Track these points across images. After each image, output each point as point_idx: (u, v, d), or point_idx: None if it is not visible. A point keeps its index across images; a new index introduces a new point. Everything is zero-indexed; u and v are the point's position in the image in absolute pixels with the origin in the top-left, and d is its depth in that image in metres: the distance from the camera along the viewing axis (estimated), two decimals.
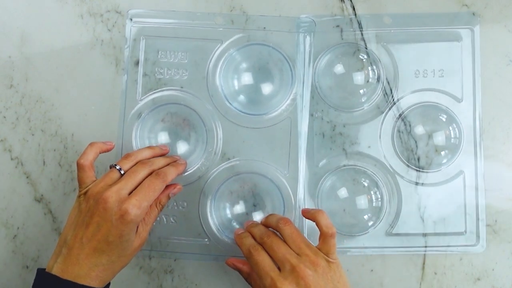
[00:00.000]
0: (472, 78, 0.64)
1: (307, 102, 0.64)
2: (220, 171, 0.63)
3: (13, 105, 0.65)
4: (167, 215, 0.63)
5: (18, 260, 0.64)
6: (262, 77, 0.64)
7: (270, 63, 0.64)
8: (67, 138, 0.65)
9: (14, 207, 0.64)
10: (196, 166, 0.63)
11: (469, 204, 0.63)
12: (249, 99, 0.64)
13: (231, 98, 0.64)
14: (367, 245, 0.62)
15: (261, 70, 0.64)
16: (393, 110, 0.64)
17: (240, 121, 0.63)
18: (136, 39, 0.64)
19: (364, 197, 0.63)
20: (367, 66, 0.64)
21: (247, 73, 0.64)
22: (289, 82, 0.63)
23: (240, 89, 0.64)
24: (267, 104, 0.63)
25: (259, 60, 0.64)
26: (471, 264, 0.63)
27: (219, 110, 0.63)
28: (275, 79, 0.64)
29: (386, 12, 0.65)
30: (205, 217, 0.62)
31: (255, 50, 0.64)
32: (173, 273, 0.63)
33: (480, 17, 0.65)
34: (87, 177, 0.54)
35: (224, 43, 0.64)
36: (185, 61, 0.64)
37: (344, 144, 0.64)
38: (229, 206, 0.63)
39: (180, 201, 0.63)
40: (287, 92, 0.63)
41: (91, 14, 0.66)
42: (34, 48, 0.66)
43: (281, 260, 0.50)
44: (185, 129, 0.64)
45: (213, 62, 0.64)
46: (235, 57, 0.64)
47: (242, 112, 0.63)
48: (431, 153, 0.63)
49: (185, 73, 0.64)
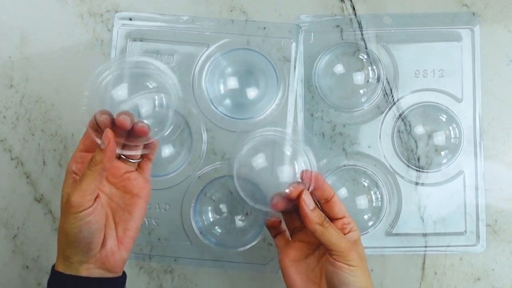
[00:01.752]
0: (472, 78, 0.64)
1: (298, 102, 0.64)
2: (203, 173, 0.63)
3: (13, 105, 0.65)
4: (149, 217, 0.63)
5: (18, 260, 0.64)
6: (247, 81, 0.64)
7: (255, 68, 0.64)
8: (67, 138, 0.65)
9: (14, 207, 0.64)
10: (181, 168, 0.63)
11: (469, 204, 0.63)
12: (235, 103, 0.64)
13: (216, 102, 0.64)
14: (367, 245, 0.62)
15: (247, 75, 0.64)
16: (393, 110, 0.64)
17: (226, 125, 0.63)
18: (124, 41, 0.65)
19: (364, 197, 0.63)
20: (367, 66, 0.64)
21: (233, 77, 0.64)
22: (274, 87, 0.64)
23: (226, 93, 0.64)
24: (252, 108, 0.64)
25: (245, 64, 0.64)
26: (471, 264, 0.63)
27: (204, 114, 0.63)
28: (261, 83, 0.64)
29: (386, 12, 0.65)
30: (187, 220, 0.63)
31: (241, 55, 0.64)
32: (173, 273, 0.63)
33: (480, 17, 0.65)
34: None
35: (210, 47, 0.64)
36: (171, 64, 0.64)
37: (344, 144, 0.64)
38: (212, 209, 0.63)
39: (163, 203, 0.63)
40: (272, 97, 0.63)
41: (91, 14, 0.66)
42: (34, 48, 0.66)
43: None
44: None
45: (199, 66, 0.64)
46: (221, 61, 0.64)
47: (228, 116, 0.63)
48: (431, 153, 0.63)
49: None
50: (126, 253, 0.51)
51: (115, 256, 0.50)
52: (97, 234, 0.48)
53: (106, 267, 0.49)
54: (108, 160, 0.47)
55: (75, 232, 0.46)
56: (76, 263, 0.48)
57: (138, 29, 0.65)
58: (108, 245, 0.49)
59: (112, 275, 0.50)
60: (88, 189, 0.46)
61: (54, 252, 0.63)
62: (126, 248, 0.51)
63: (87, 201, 0.46)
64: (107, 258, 0.49)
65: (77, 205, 0.46)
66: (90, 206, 0.46)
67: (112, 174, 0.52)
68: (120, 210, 0.51)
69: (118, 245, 0.50)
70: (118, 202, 0.52)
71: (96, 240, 0.48)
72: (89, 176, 0.46)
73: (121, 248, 0.50)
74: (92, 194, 0.46)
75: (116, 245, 0.50)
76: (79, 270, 0.48)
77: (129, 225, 0.51)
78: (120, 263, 0.50)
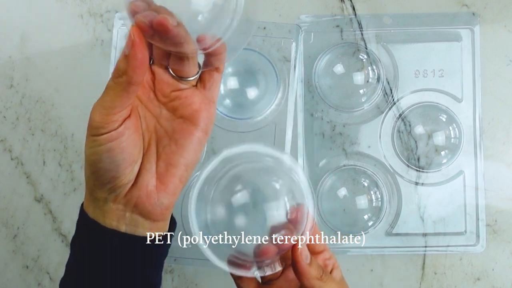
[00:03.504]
0: (472, 78, 0.64)
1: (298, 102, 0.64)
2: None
3: (13, 105, 0.65)
4: None
5: (18, 260, 0.64)
6: (247, 81, 0.64)
7: (255, 68, 0.64)
8: (67, 138, 0.65)
9: (14, 207, 0.64)
10: None
11: (469, 204, 0.63)
12: (235, 103, 0.64)
13: (216, 102, 0.64)
14: (367, 245, 0.62)
15: (246, 75, 0.64)
16: (393, 110, 0.64)
17: (226, 125, 0.63)
18: (124, 41, 0.64)
19: (364, 197, 0.63)
20: (367, 66, 0.64)
21: (233, 77, 0.64)
22: (274, 87, 0.64)
23: (226, 93, 0.64)
24: (252, 108, 0.64)
25: (245, 64, 0.64)
26: (471, 264, 0.63)
27: None
28: (261, 83, 0.64)
29: (386, 12, 0.65)
30: (188, 220, 0.62)
31: (241, 55, 0.64)
32: (173, 273, 0.63)
33: (480, 17, 0.65)
34: None
35: None
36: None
37: (344, 144, 0.64)
38: (210, 209, 0.61)
39: None
40: (272, 97, 0.64)
41: (91, 14, 0.66)
42: (34, 48, 0.66)
43: None
44: None
45: None
46: None
47: (228, 116, 0.63)
48: (431, 153, 0.63)
49: None
50: (168, 198, 0.39)
51: (151, 199, 0.38)
52: (124, 166, 0.36)
53: (140, 212, 0.38)
54: (134, 71, 0.34)
55: (93, 159, 0.36)
56: (101, 200, 0.38)
57: None
58: (142, 181, 0.38)
59: (151, 224, 0.39)
60: (112, 107, 0.35)
61: (54, 252, 0.64)
62: (167, 191, 0.38)
63: (110, 122, 0.35)
64: (141, 200, 0.38)
65: (97, 125, 0.35)
66: (113, 129, 0.35)
67: (158, 90, 0.39)
68: (166, 138, 0.39)
69: (157, 184, 0.38)
70: (167, 128, 0.39)
71: (123, 174, 0.36)
72: (111, 90, 0.35)
73: (160, 189, 0.38)
74: (117, 113, 0.35)
75: (154, 184, 0.38)
76: (104, 210, 0.38)
77: (173, 159, 0.38)
78: (158, 209, 0.38)
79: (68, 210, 0.64)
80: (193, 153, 0.39)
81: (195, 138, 0.38)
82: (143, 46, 0.34)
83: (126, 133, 0.36)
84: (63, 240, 0.64)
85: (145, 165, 0.38)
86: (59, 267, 0.63)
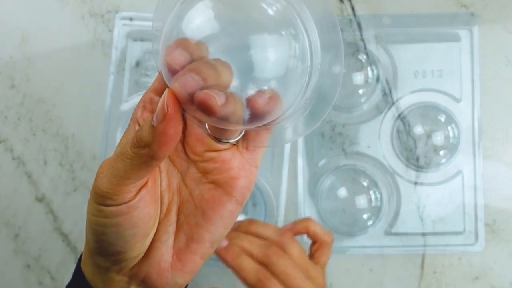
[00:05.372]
0: (471, 78, 0.64)
1: None
2: None
3: (15, 105, 0.65)
4: None
5: (19, 259, 0.64)
6: None
7: None
8: (68, 138, 0.65)
9: (15, 206, 0.65)
10: None
11: (468, 204, 0.63)
12: None
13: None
14: (367, 244, 0.63)
15: None
16: (392, 110, 0.64)
17: None
18: (125, 41, 0.65)
19: (364, 197, 0.63)
20: (366, 66, 0.64)
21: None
22: None
23: None
24: None
25: None
26: (469, 264, 0.63)
27: None
28: None
29: (386, 12, 0.65)
30: None
31: None
32: None
33: (479, 18, 0.65)
34: None
35: None
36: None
37: (343, 144, 0.64)
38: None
39: None
40: None
41: (92, 15, 0.66)
42: (35, 48, 0.66)
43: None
44: None
45: None
46: None
47: None
48: (430, 153, 0.64)
49: None
50: (184, 277, 0.31)
51: (162, 278, 0.30)
52: (133, 242, 0.29)
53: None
54: (160, 148, 0.26)
55: (96, 230, 0.29)
56: (102, 268, 0.31)
57: (139, 29, 0.65)
58: (155, 257, 0.30)
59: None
60: (125, 177, 0.27)
61: (55, 252, 0.64)
62: (184, 270, 0.31)
63: (121, 194, 0.27)
64: (150, 277, 0.30)
65: (103, 194, 0.27)
66: (124, 202, 0.28)
67: (189, 145, 0.31)
68: (191, 204, 0.31)
69: (172, 261, 0.30)
70: (193, 191, 0.31)
71: (130, 249, 0.29)
72: (127, 159, 0.27)
73: (176, 268, 0.30)
74: (131, 185, 0.27)
75: (170, 261, 0.30)
76: (105, 279, 0.31)
77: (197, 233, 0.30)
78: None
79: (69, 209, 0.64)
80: (222, 229, 0.30)
81: (226, 211, 0.30)
82: (177, 120, 0.25)
83: (140, 205, 0.28)
84: (64, 240, 0.64)
85: (161, 237, 0.30)
86: (60, 267, 0.64)
